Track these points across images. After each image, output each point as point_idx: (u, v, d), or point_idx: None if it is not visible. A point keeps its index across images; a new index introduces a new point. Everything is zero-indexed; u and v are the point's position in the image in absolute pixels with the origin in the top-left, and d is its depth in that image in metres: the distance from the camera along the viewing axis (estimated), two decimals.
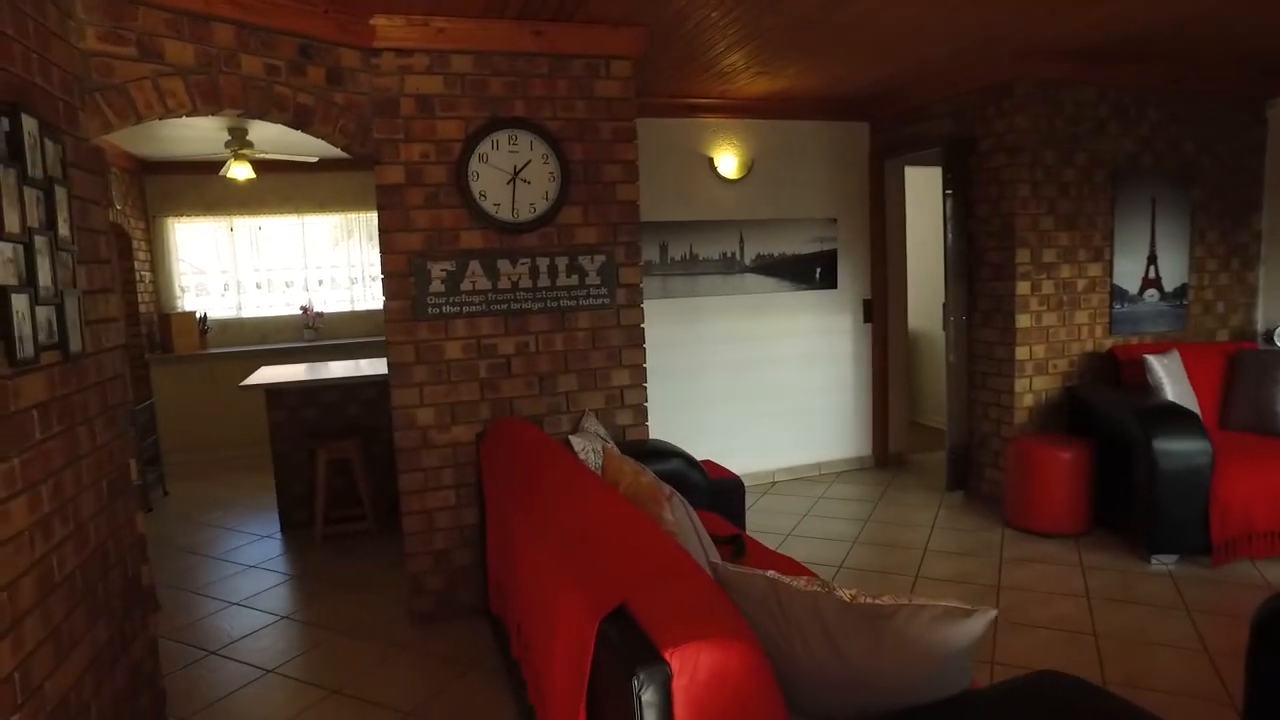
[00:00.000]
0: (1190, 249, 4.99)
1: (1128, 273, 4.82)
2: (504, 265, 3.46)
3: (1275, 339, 4.96)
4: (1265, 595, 2.02)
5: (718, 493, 3.58)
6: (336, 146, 3.24)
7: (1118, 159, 4.71)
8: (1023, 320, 4.58)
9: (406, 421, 3.39)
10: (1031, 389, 4.66)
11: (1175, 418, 3.89)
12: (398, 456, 3.41)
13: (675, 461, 3.44)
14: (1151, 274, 4.90)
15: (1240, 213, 5.17)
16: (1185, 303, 5.01)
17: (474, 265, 3.41)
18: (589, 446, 2.80)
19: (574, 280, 3.58)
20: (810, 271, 5.57)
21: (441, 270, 3.36)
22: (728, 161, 5.22)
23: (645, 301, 3.81)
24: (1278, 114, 5.13)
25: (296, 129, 3.08)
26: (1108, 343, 4.82)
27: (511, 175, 3.42)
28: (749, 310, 5.44)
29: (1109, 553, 4.07)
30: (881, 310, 5.75)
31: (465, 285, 3.40)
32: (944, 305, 4.95)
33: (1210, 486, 3.78)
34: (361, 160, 3.31)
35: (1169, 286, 4.95)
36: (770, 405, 5.55)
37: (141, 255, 6.97)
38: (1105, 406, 4.31)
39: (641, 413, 3.79)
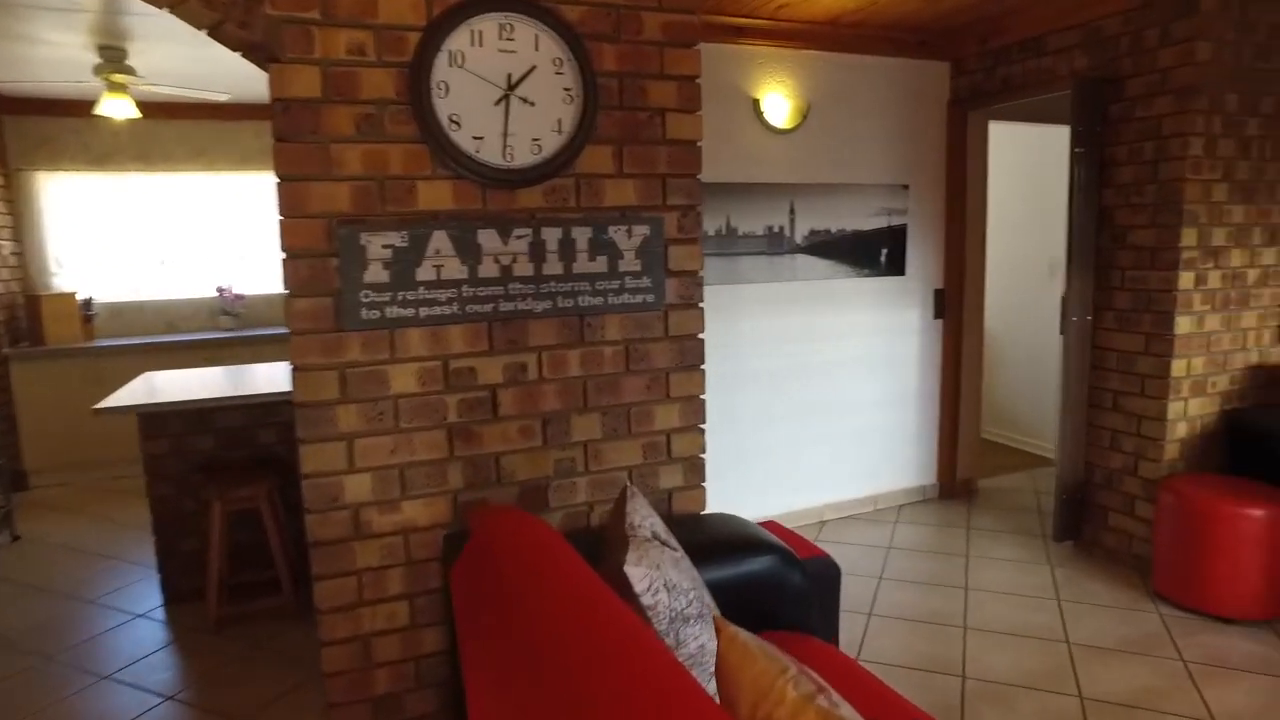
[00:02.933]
0: None
1: None
2: (489, 239, 2.13)
3: None
4: None
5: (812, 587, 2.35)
6: (199, 28, 1.86)
7: None
8: (1183, 324, 3.40)
9: (326, 498, 2.05)
10: (1186, 415, 3.49)
11: None
12: (313, 555, 2.08)
13: (765, 559, 2.17)
14: None
15: None
16: None
17: (439, 239, 2.07)
18: (659, 581, 1.51)
19: (600, 265, 2.27)
20: (874, 253, 4.31)
21: (385, 247, 2.02)
22: (777, 105, 3.92)
23: None
24: None
25: None
26: (1274, 353, 3.68)
27: (503, 90, 2.08)
28: (798, 302, 4.17)
29: None
30: (956, 303, 4.54)
31: (425, 273, 2.07)
32: (1062, 300, 3.75)
33: None
34: (250, 52, 1.94)
35: None
36: (820, 425, 4.31)
37: None
38: None
39: (696, 469, 2.51)
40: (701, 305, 2.45)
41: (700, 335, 2.47)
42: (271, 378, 3.72)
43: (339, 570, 2.09)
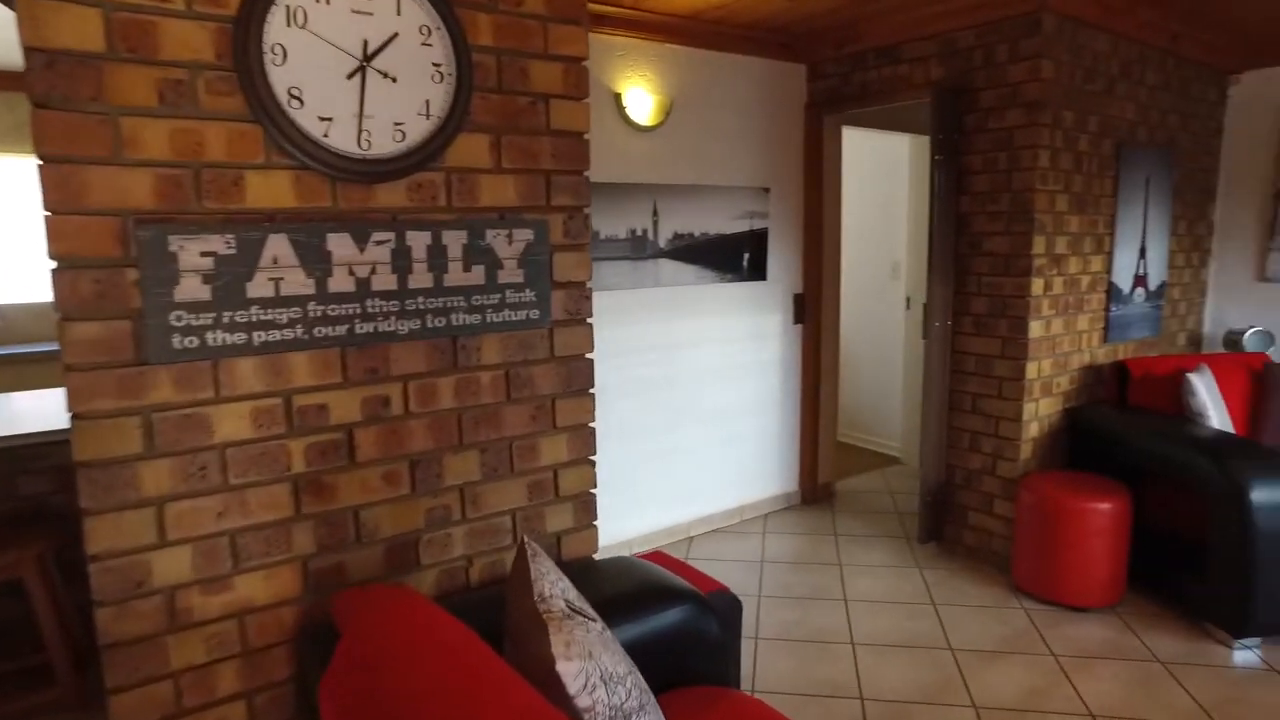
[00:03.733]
0: (1168, 240, 4.25)
1: (1123, 267, 3.97)
2: (341, 245, 1.72)
3: (1244, 343, 4.36)
4: None
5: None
6: None
7: (1120, 128, 3.81)
8: (1035, 328, 3.54)
9: (125, 585, 1.56)
10: (1038, 414, 3.65)
11: (1267, 460, 3.00)
12: (106, 661, 1.57)
13: (678, 611, 1.92)
14: (1141, 269, 4.09)
15: (1202, 201, 4.53)
16: (1161, 303, 4.28)
17: (278, 245, 1.64)
18: (595, 674, 1.21)
19: (477, 276, 1.92)
20: (737, 257, 4.21)
21: (204, 255, 1.56)
22: (640, 101, 3.69)
23: None
24: (1240, 93, 4.53)
25: None
26: (1100, 353, 3.94)
27: (358, 61, 1.68)
28: (662, 308, 3.98)
29: (1169, 634, 3.13)
30: (815, 308, 4.54)
31: (259, 287, 1.63)
32: (925, 307, 3.82)
33: None
34: None
35: (1153, 284, 4.18)
36: (685, 437, 4.14)
37: None
38: (1143, 440, 3.36)
39: (587, 507, 2.21)
40: (590, 320, 2.16)
41: (589, 355, 2.18)
42: (41, 409, 3.00)
43: (145, 677, 1.60)
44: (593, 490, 2.23)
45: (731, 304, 4.22)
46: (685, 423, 4.12)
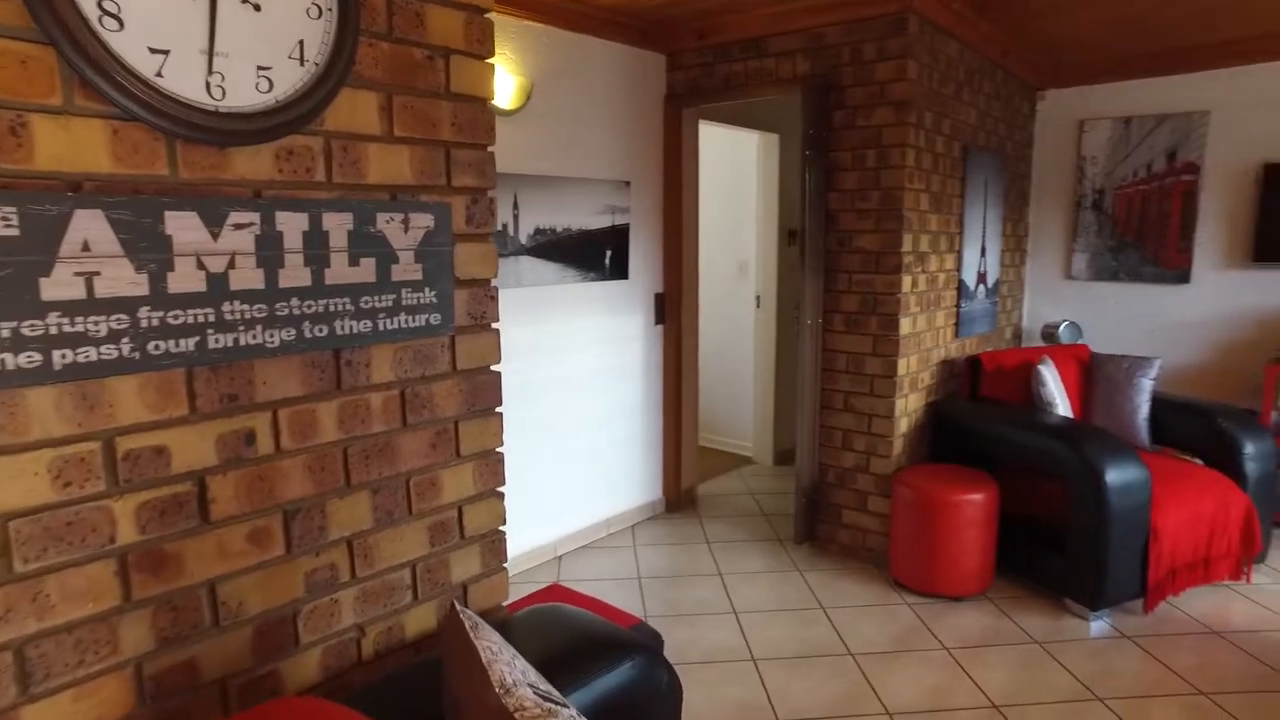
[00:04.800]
0: (1000, 240, 4.53)
1: (969, 265, 4.16)
2: (186, 229, 1.25)
3: (1059, 335, 4.76)
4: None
5: None
6: None
7: (966, 132, 3.98)
8: (905, 325, 3.58)
9: None
10: (907, 410, 3.71)
11: (1113, 444, 3.20)
12: None
13: (628, 667, 1.62)
14: (982, 267, 4.31)
15: (1021, 205, 4.90)
16: (997, 299, 4.56)
17: (89, 225, 1.15)
18: None
19: (366, 271, 1.51)
20: (599, 255, 3.94)
21: None
22: (500, 80, 3.32)
23: None
24: (1045, 109, 4.95)
25: None
26: (953, 347, 4.11)
27: None
28: (524, 310, 3.63)
29: (1036, 614, 3.27)
30: (675, 308, 4.38)
31: (61, 285, 1.13)
32: (798, 305, 3.77)
33: (1150, 521, 3.18)
34: None
35: (991, 281, 4.44)
36: (548, 450, 3.82)
37: None
38: (1004, 430, 3.50)
39: (496, 549, 1.86)
40: (496, 326, 1.81)
41: (495, 367, 1.83)
42: None
43: None
44: (502, 527, 1.88)
45: (594, 304, 3.95)
46: (548, 434, 3.80)
